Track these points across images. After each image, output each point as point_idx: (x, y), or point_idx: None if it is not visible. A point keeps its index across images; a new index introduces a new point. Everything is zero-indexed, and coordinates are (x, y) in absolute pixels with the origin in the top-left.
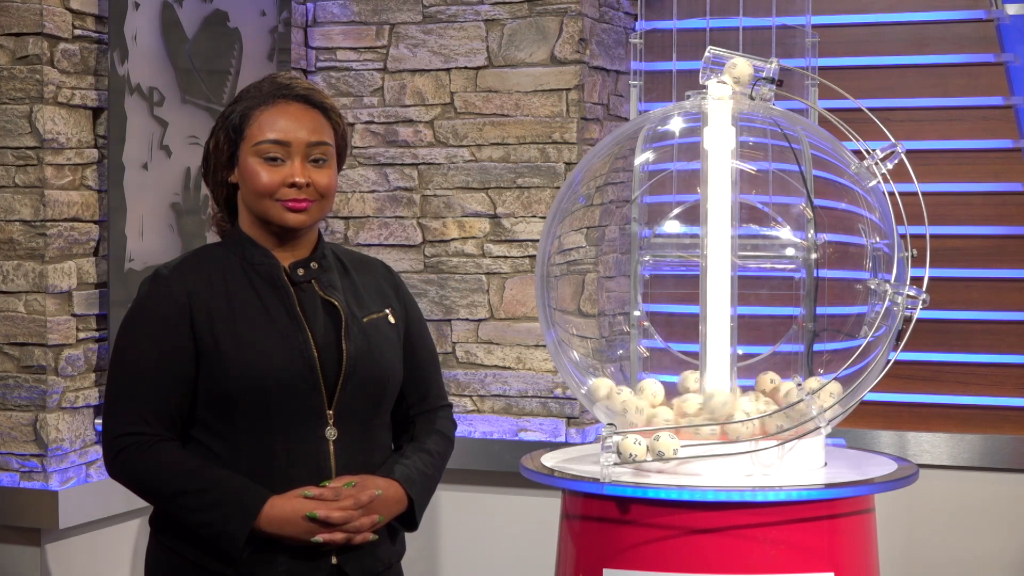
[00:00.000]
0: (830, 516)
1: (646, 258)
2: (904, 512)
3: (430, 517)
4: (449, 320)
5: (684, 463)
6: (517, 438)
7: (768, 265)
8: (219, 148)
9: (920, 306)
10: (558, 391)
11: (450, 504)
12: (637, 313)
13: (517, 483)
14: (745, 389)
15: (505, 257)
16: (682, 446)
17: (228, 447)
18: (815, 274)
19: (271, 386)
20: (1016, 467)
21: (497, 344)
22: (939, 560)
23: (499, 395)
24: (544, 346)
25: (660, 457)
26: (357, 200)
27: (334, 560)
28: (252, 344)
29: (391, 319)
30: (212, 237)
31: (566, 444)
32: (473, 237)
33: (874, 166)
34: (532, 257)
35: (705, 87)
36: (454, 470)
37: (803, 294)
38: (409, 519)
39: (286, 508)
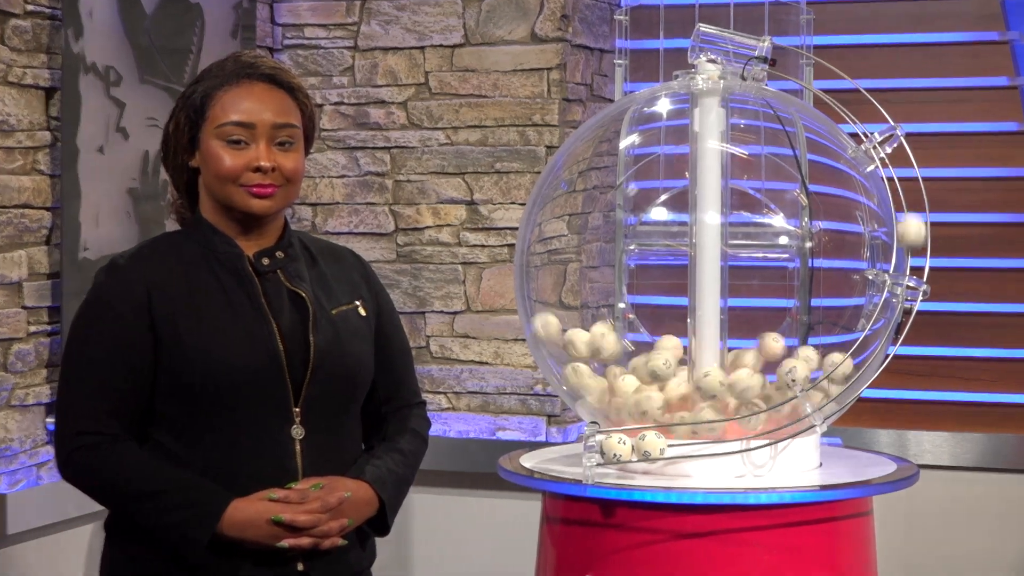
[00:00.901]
0: (826, 519)
1: (631, 247)
2: (904, 515)
3: (402, 521)
4: (423, 312)
5: (672, 463)
6: (495, 437)
7: (760, 255)
8: (179, 130)
9: (920, 297)
10: (538, 388)
11: (424, 507)
12: (622, 305)
13: (495, 485)
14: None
15: (482, 246)
16: (669, 445)
17: (188, 447)
18: (810, 264)
19: (234, 382)
20: (1021, 467)
21: (474, 338)
22: (940, 565)
23: (476, 392)
24: (523, 340)
25: (646, 457)
26: (326, 186)
27: (300, 566)
28: (214, 338)
29: (361, 311)
30: (172, 225)
31: (547, 444)
32: (448, 225)
33: (872, 150)
34: (511, 246)
35: (694, 66)
36: (428, 471)
37: (797, 285)
38: (380, 523)
39: (250, 511)
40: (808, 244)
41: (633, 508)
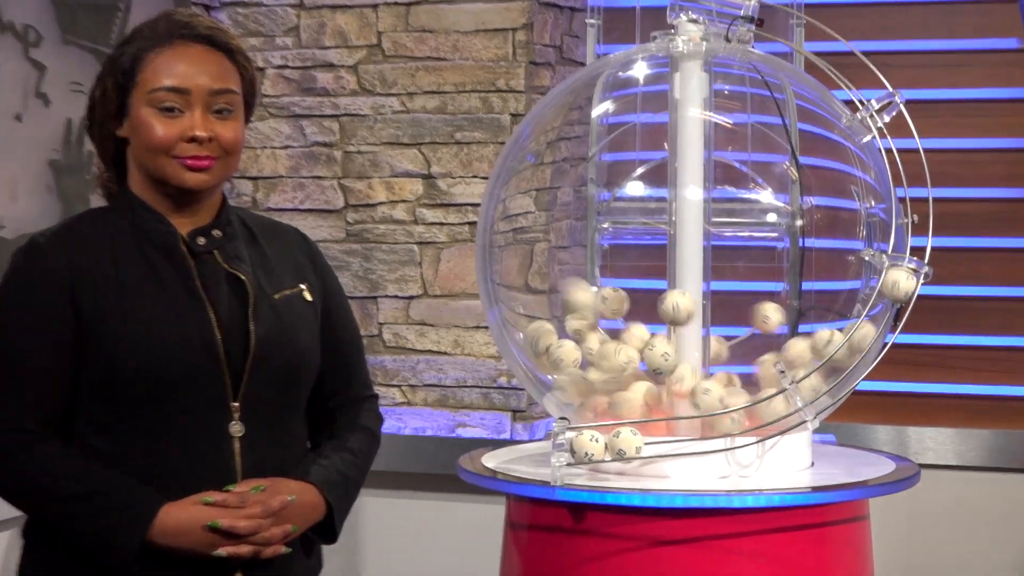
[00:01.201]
0: (818, 524)
1: (605, 225)
2: (904, 519)
3: (352, 527)
4: (375, 297)
5: (649, 463)
6: (454, 435)
7: (746, 233)
8: (106, 96)
9: (922, 280)
10: (502, 380)
11: (376, 511)
12: (595, 289)
13: (454, 487)
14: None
15: (441, 224)
16: (646, 443)
17: (116, 445)
18: (800, 244)
19: (166, 375)
20: None
21: (431, 325)
22: (943, 573)
23: (433, 385)
24: (486, 327)
25: (620, 456)
26: (268, 157)
27: None
28: (144, 324)
29: (307, 296)
30: (97, 200)
31: (511, 442)
32: (403, 201)
33: (869, 119)
34: (472, 224)
35: (674, 27)
36: (380, 472)
37: (787, 267)
38: (327, 529)
39: (183, 516)
40: (799, 222)
41: (606, 512)
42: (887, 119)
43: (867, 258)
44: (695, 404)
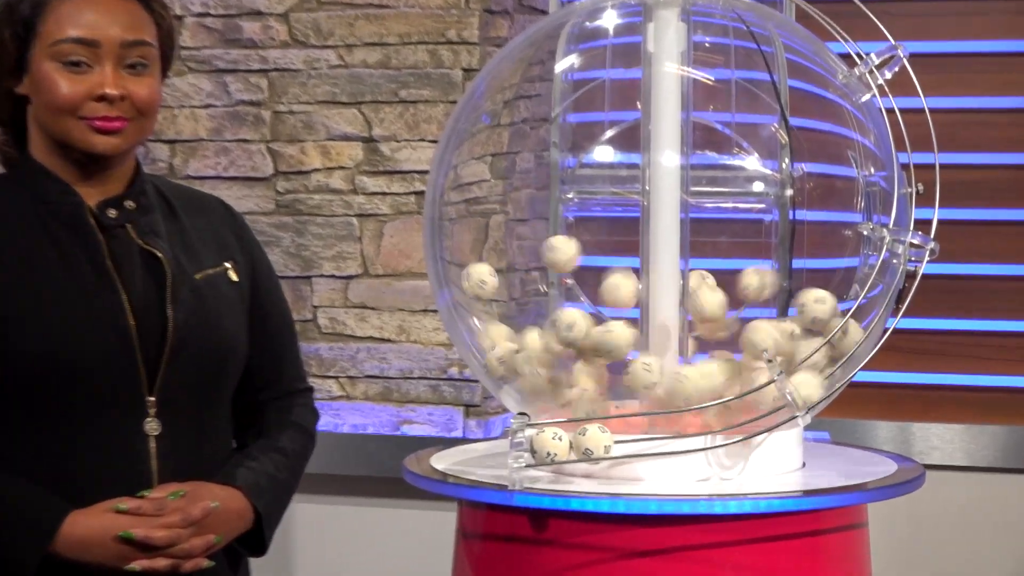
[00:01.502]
0: (810, 533)
1: (569, 195)
2: (907, 526)
3: (283, 537)
4: (309, 277)
5: (620, 464)
6: (399, 432)
7: (730, 205)
8: (3, 49)
9: (927, 257)
10: (453, 371)
11: (310, 520)
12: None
13: (399, 492)
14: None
15: (384, 194)
16: (616, 441)
17: (16, 446)
18: (791, 216)
19: (72, 367)
20: None
21: (373, 309)
22: None
23: (375, 376)
24: (435, 311)
25: (587, 457)
26: (187, 118)
27: None
28: (46, 308)
29: (232, 276)
30: None
31: (463, 440)
32: (342, 168)
33: (868, 75)
34: (420, 194)
35: None
36: (315, 475)
37: (775, 242)
38: (256, 540)
39: (92, 526)
40: (788, 192)
41: (571, 520)
42: (889, 75)
43: (866, 232)
44: (671, 397)
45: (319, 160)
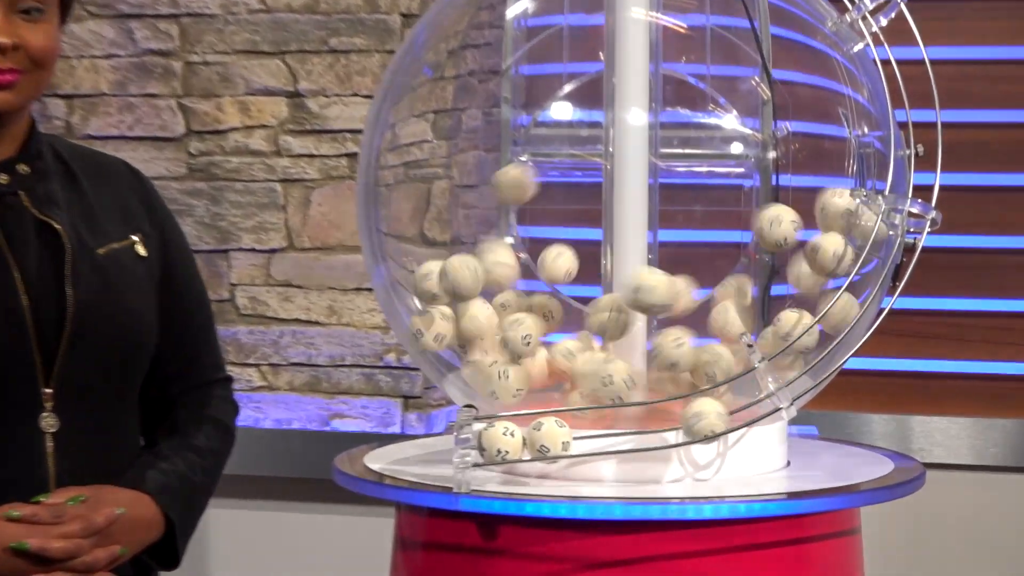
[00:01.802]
0: (795, 541)
1: (523, 158)
2: (906, 533)
3: (199, 547)
4: (226, 251)
5: (580, 463)
6: (328, 428)
7: (705, 169)
8: None
9: (928, 228)
10: (390, 358)
11: (228, 528)
12: (510, 240)
13: (328, 495)
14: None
15: (311, 156)
16: (576, 437)
17: None
18: (774, 182)
19: None
20: None
21: (299, 287)
22: None
23: (302, 364)
24: (370, 290)
25: (543, 454)
26: (87, 70)
27: None
28: None
29: (140, 250)
30: None
31: (402, 436)
32: (263, 126)
33: (861, 21)
34: (352, 156)
35: None
36: (234, 476)
37: (757, 211)
38: (167, 551)
39: None
40: (771, 154)
41: (525, 527)
42: (884, 22)
43: (859, 200)
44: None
45: (237, 118)
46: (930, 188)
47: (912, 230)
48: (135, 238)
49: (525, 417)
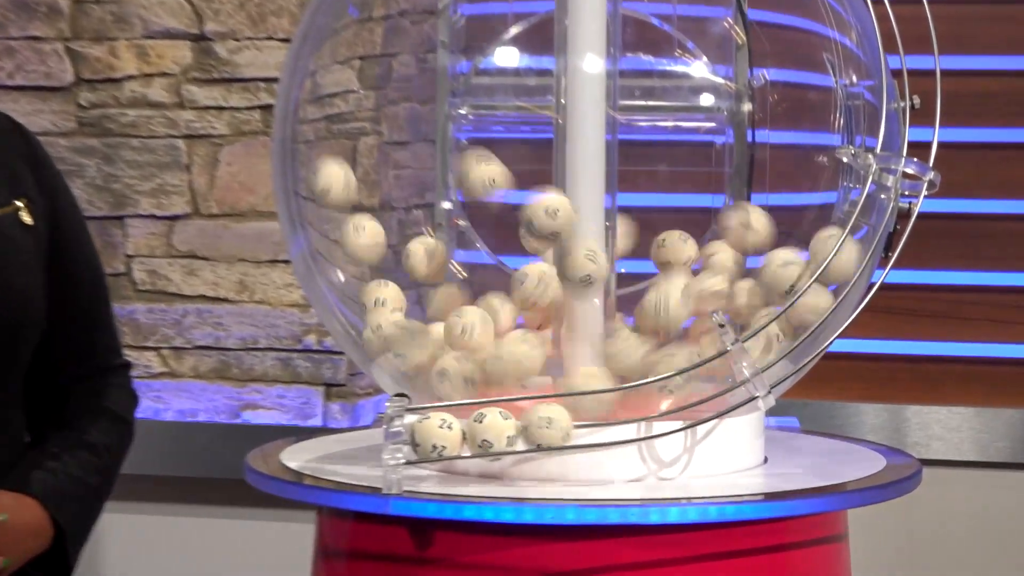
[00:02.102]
0: (774, 548)
1: (462, 111)
2: (899, 538)
3: (91, 558)
4: (121, 218)
5: (527, 461)
6: (240, 420)
7: (670, 123)
8: None
9: (925, 191)
10: (310, 340)
11: (125, 535)
12: (447, 205)
13: (240, 497)
14: None
15: (219, 109)
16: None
17: None
18: (749, 138)
19: None
20: None
21: (205, 259)
22: None
23: (209, 347)
24: (287, 262)
25: (486, 450)
26: None
27: None
28: None
29: (26, 218)
30: None
31: (324, 430)
32: (164, 74)
33: None
34: (266, 109)
35: None
36: (132, 476)
37: (729, 172)
38: (57, 561)
39: None
40: (746, 107)
41: (464, 533)
42: None
43: (846, 159)
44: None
45: (134, 64)
46: (927, 145)
47: (907, 193)
48: (20, 204)
49: (466, 408)
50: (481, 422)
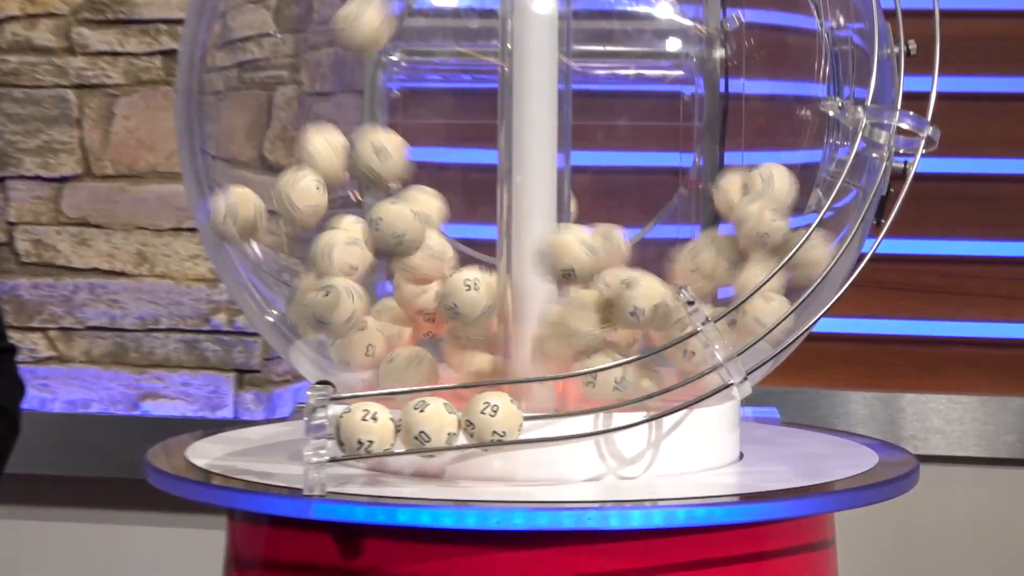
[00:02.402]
0: (750, 557)
1: (393, 56)
2: (893, 543)
3: None
4: (2, 180)
5: (469, 458)
6: (139, 412)
7: (631, 72)
8: None
9: (923, 149)
10: (219, 320)
11: (8, 541)
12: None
13: (139, 499)
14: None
15: (115, 55)
16: (467, 423)
17: None
18: (722, 89)
19: None
20: None
21: (99, 227)
22: None
23: (103, 328)
24: (193, 230)
25: (421, 446)
26: None
27: None
28: None
29: None
30: None
31: (236, 422)
32: (51, 15)
33: None
34: (170, 55)
35: None
36: (17, 476)
37: (699, 127)
38: None
39: None
40: (719, 52)
41: (397, 540)
42: None
43: (832, 112)
44: (546, 353)
45: (16, 4)
46: (925, 97)
47: (901, 152)
48: None
49: (397, 397)
50: (422, 411)
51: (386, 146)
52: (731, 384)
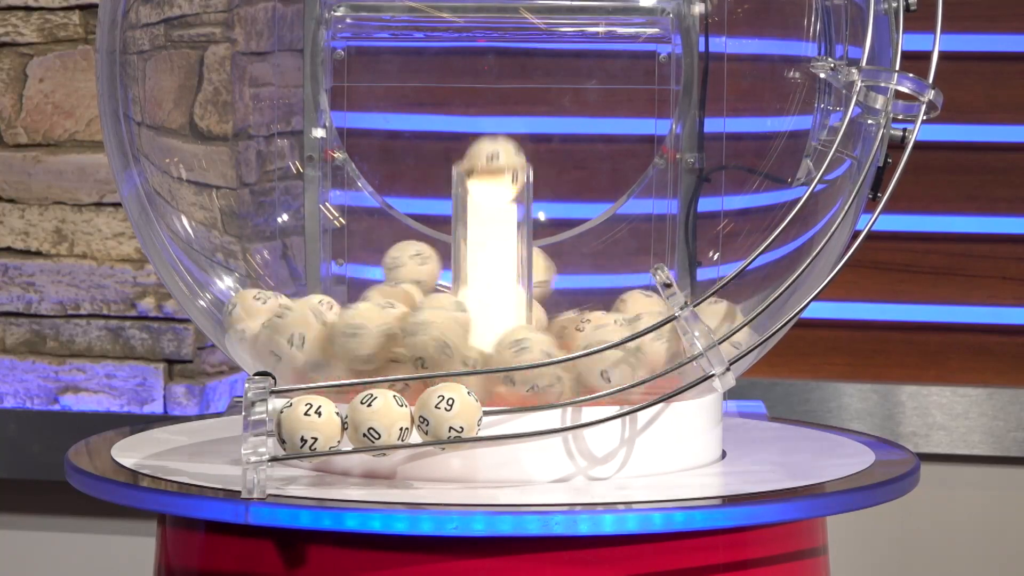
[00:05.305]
0: (733, 566)
1: (338, 12)
2: (891, 549)
3: None
4: None
5: (423, 456)
6: (58, 407)
7: (601, 30)
8: None
9: (924, 115)
10: (146, 305)
11: None
12: (320, 133)
13: (60, 503)
14: None
15: (27, 10)
16: (421, 418)
17: None
18: (701, 48)
19: None
20: None
21: (12, 202)
22: None
23: (17, 314)
24: (117, 205)
25: (370, 443)
26: None
27: None
28: None
29: None
30: None
31: (166, 418)
32: None
33: None
34: (89, 11)
35: None
36: None
37: (677, 91)
38: None
39: None
40: (698, 8)
41: (344, 547)
42: None
43: (823, 74)
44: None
45: None
46: (927, 56)
47: (900, 118)
48: None
49: (345, 390)
50: (370, 405)
51: None
52: (712, 375)
